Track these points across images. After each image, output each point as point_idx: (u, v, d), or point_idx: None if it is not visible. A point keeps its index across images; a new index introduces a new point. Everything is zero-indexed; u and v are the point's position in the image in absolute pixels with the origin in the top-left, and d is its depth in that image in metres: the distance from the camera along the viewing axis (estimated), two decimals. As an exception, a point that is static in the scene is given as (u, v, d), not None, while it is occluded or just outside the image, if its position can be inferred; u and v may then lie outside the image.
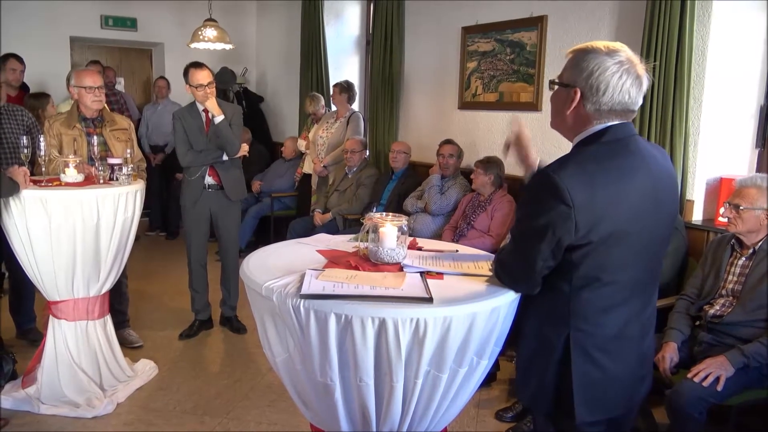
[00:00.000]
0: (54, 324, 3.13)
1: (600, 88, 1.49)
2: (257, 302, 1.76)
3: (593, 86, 1.50)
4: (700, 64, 3.40)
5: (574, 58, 1.55)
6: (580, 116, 1.55)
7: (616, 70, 1.49)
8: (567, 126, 1.60)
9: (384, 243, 1.88)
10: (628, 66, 1.50)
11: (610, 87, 1.49)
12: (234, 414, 3.16)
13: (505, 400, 3.31)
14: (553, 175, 1.46)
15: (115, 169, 3.16)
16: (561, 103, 1.58)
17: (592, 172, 1.48)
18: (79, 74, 3.48)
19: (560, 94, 1.59)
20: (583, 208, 1.45)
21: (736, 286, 2.71)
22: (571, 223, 1.46)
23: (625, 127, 1.55)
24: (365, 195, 5.17)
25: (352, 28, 6.76)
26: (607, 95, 1.50)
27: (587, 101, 1.52)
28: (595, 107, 1.52)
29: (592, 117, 1.54)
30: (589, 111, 1.53)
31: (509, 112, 4.58)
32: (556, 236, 1.48)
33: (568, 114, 1.56)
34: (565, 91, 1.56)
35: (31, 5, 6.52)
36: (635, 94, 1.52)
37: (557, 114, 1.62)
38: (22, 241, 2.95)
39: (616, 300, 1.58)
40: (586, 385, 1.59)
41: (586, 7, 3.99)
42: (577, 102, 1.53)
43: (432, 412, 1.72)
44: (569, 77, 1.55)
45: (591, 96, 1.51)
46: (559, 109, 1.60)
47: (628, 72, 1.49)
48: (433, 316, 1.54)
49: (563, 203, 1.44)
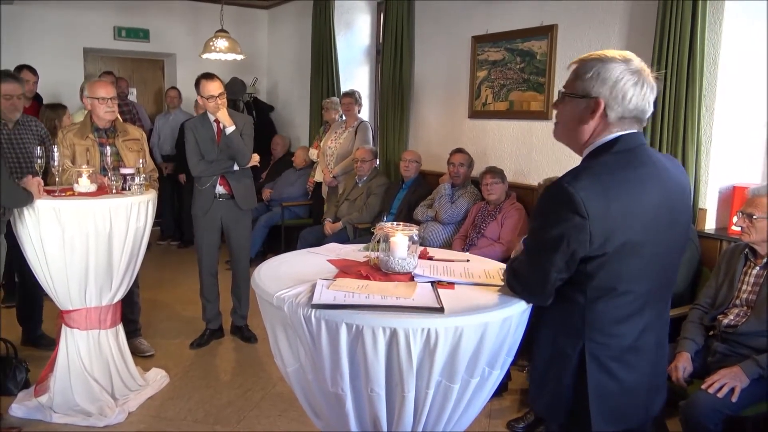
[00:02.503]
0: (66, 333, 3.15)
1: (625, 97, 1.51)
2: (268, 312, 1.76)
3: (618, 95, 1.51)
4: (712, 72, 3.38)
5: (587, 68, 1.54)
6: (602, 125, 1.55)
7: (637, 79, 1.51)
8: (580, 137, 1.59)
9: (395, 252, 1.88)
10: (643, 74, 1.52)
11: (632, 95, 1.51)
12: (245, 423, 3.16)
13: (517, 410, 3.29)
14: (568, 186, 1.46)
15: (128, 179, 3.18)
16: (578, 115, 1.56)
17: (607, 183, 1.48)
18: (92, 85, 3.52)
19: (577, 105, 1.56)
20: (598, 220, 1.45)
21: (750, 295, 2.69)
22: (586, 235, 1.45)
23: (635, 136, 1.56)
24: (376, 204, 5.17)
25: (362, 37, 6.79)
26: (632, 103, 1.51)
27: (611, 110, 1.52)
28: (618, 115, 1.53)
29: (613, 126, 1.54)
30: (612, 120, 1.53)
31: (519, 121, 4.58)
32: (571, 248, 1.47)
33: (588, 124, 1.55)
34: (585, 101, 1.54)
35: (45, 17, 6.61)
36: (650, 102, 1.55)
37: (572, 125, 1.59)
38: (35, 250, 2.98)
39: (631, 310, 1.58)
40: (602, 396, 1.58)
41: (596, 16, 3.98)
42: (601, 112, 1.53)
43: (443, 423, 1.71)
44: (587, 88, 1.53)
45: (615, 105, 1.51)
46: (575, 120, 1.57)
47: (645, 80, 1.52)
48: (444, 326, 1.54)
49: (578, 215, 1.44)
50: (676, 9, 3.32)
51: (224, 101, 3.92)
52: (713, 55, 3.37)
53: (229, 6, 6.88)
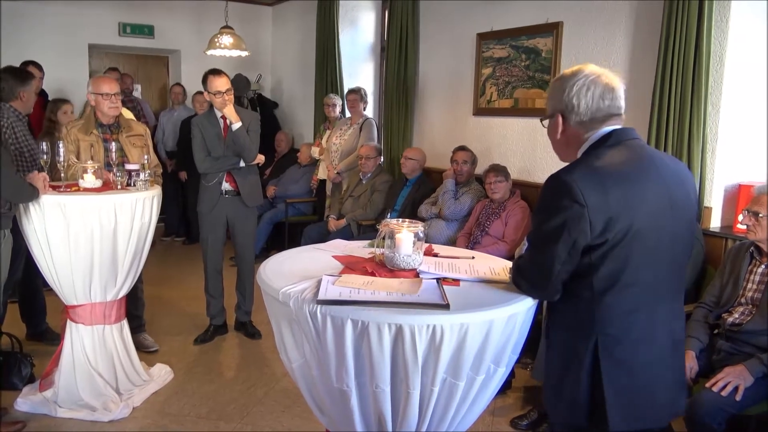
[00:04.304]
0: (71, 328, 3.16)
1: (574, 103, 1.63)
2: (274, 308, 1.77)
3: (568, 105, 1.64)
4: (718, 69, 3.37)
5: (549, 92, 1.73)
6: (571, 134, 1.67)
7: (582, 85, 1.62)
8: (566, 148, 1.71)
9: (400, 249, 1.88)
10: (593, 77, 1.63)
11: (580, 100, 1.62)
12: (249, 419, 3.16)
13: (521, 407, 3.29)
14: (564, 176, 1.53)
15: (133, 174, 3.19)
16: (553, 133, 1.71)
17: (602, 172, 1.54)
18: (96, 81, 3.52)
19: (550, 125, 1.73)
20: (597, 207, 1.49)
21: (755, 294, 2.68)
22: (586, 223, 1.49)
23: (627, 131, 1.66)
24: (380, 201, 5.17)
25: (366, 34, 6.78)
26: (582, 107, 1.62)
27: (569, 119, 1.65)
28: (577, 120, 1.64)
29: (580, 131, 1.65)
30: (575, 126, 1.65)
31: (524, 118, 4.57)
32: (572, 237, 1.50)
33: (560, 138, 1.69)
34: (551, 121, 1.71)
35: (50, 13, 6.62)
36: (610, 100, 1.63)
37: (555, 143, 1.74)
38: (41, 246, 2.99)
39: (640, 302, 1.59)
40: (617, 393, 1.59)
41: (602, 14, 3.97)
42: (562, 124, 1.66)
43: (448, 420, 1.72)
44: (550, 109, 1.71)
45: (569, 114, 1.65)
46: (553, 138, 1.72)
47: (594, 83, 1.62)
48: (449, 323, 1.54)
49: (576, 203, 1.49)
50: (683, 6, 3.31)
51: (231, 97, 3.93)
52: (719, 53, 3.35)
53: (234, 3, 6.87)
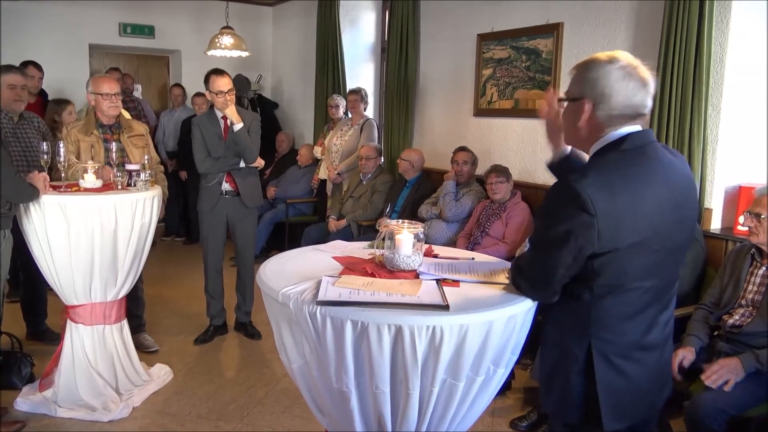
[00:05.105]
0: (71, 328, 3.16)
1: (608, 93, 1.54)
2: (274, 308, 1.76)
3: (603, 93, 1.54)
4: (719, 71, 3.36)
5: (578, 73, 1.61)
6: (594, 125, 1.59)
7: (620, 76, 1.53)
8: (581, 138, 1.63)
9: (400, 250, 1.87)
10: (630, 70, 1.54)
11: (616, 91, 1.53)
12: (249, 419, 3.16)
13: (520, 408, 3.29)
14: (575, 184, 1.47)
15: (133, 175, 3.19)
16: (573, 117, 1.62)
17: (613, 181, 1.49)
18: (96, 81, 3.52)
19: (571, 109, 1.63)
20: (606, 217, 1.46)
21: (756, 296, 2.68)
22: (594, 232, 1.46)
23: (643, 134, 1.58)
24: (380, 201, 5.17)
25: (367, 35, 6.78)
26: (614, 99, 1.54)
27: (598, 109, 1.56)
28: (606, 113, 1.56)
29: (605, 124, 1.57)
30: (602, 118, 1.57)
31: (525, 119, 4.57)
32: (578, 245, 1.48)
33: (581, 126, 1.60)
34: (575, 104, 1.61)
35: (50, 13, 6.62)
36: (643, 97, 1.55)
37: (571, 128, 1.66)
38: (41, 246, 2.99)
39: (638, 307, 1.58)
40: (611, 394, 1.58)
41: (602, 15, 3.97)
42: (590, 112, 1.57)
43: (448, 421, 1.71)
44: (576, 91, 1.60)
45: (601, 102, 1.55)
46: (572, 122, 1.63)
47: (631, 75, 1.54)
48: (449, 324, 1.54)
49: (585, 212, 1.45)
50: (683, 7, 3.30)
51: (233, 97, 3.93)
52: (720, 54, 3.35)
53: (234, 3, 6.88)
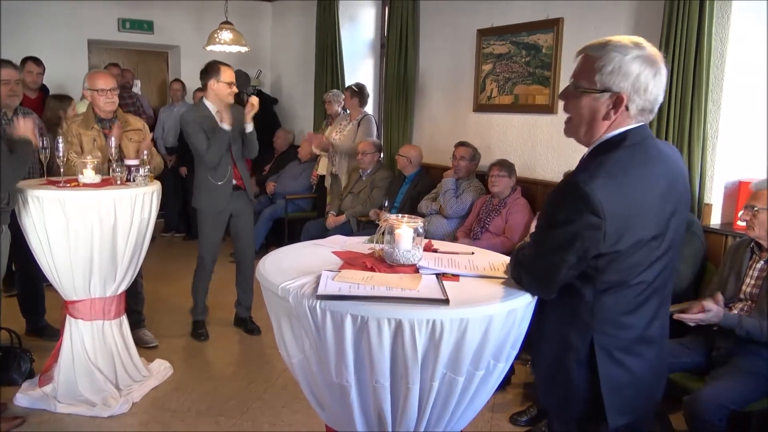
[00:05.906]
0: (71, 323, 3.16)
1: (647, 89, 1.48)
2: (273, 303, 1.76)
3: (640, 88, 1.48)
4: (719, 66, 3.36)
5: (606, 61, 1.48)
6: (618, 121, 1.52)
7: (655, 70, 1.49)
8: (596, 132, 1.55)
9: (400, 244, 1.87)
10: (653, 57, 1.49)
11: (652, 86, 1.49)
12: (248, 415, 3.16)
13: (520, 403, 3.29)
14: (584, 186, 1.44)
15: (132, 170, 3.18)
16: (597, 110, 1.52)
17: (622, 183, 1.47)
18: (91, 77, 3.52)
19: (595, 100, 1.52)
20: (613, 219, 1.45)
21: (753, 289, 2.68)
22: (600, 234, 1.45)
23: (642, 129, 1.55)
24: (379, 197, 5.16)
25: (367, 31, 6.77)
26: (652, 94, 1.50)
27: (633, 103, 1.49)
28: (639, 108, 1.50)
29: (632, 118, 1.52)
30: (633, 113, 1.50)
31: (525, 114, 4.56)
32: (584, 246, 1.47)
33: (607, 121, 1.51)
34: (605, 96, 1.50)
35: (50, 8, 6.60)
36: (660, 88, 1.52)
37: (590, 121, 1.54)
38: (40, 241, 2.98)
39: (640, 301, 1.58)
40: (614, 389, 1.58)
41: (602, 10, 3.96)
42: (623, 106, 1.49)
43: (448, 415, 1.71)
44: (607, 82, 1.49)
45: (637, 98, 1.49)
46: (594, 115, 1.53)
47: (660, 69, 1.50)
48: (449, 318, 1.53)
49: (594, 215, 1.43)
50: (684, 3, 3.30)
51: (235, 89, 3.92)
52: (720, 49, 3.34)
53: (234, -1, 6.86)
